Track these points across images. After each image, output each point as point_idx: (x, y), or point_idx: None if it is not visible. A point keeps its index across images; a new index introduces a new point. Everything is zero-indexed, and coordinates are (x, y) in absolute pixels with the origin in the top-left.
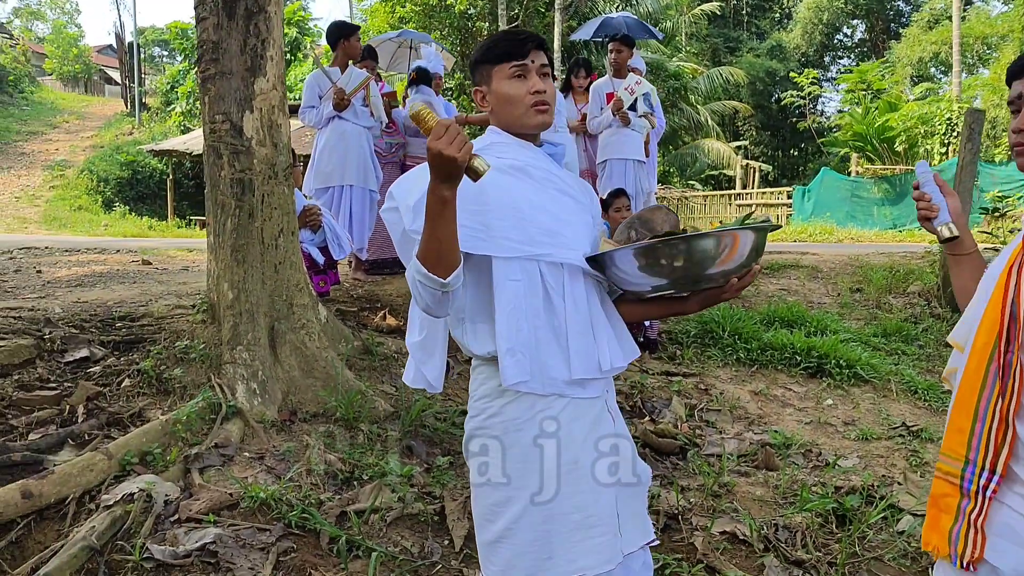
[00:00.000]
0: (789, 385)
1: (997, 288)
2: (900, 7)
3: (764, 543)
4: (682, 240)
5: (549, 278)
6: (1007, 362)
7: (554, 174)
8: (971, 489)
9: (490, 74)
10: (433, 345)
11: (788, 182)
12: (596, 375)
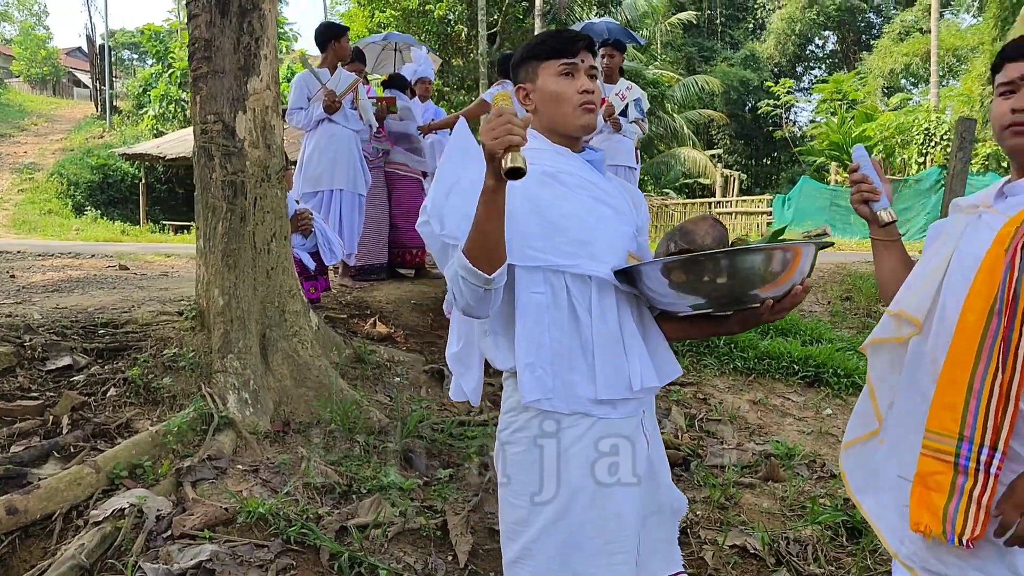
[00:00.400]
0: (787, 395)
1: (986, 267)
2: (871, 19)
3: (775, 557)
4: (713, 256)
5: (575, 291)
6: (1007, 338)
7: (590, 181)
8: (969, 466)
9: (537, 71)
10: (470, 357)
11: (761, 190)
12: (626, 394)
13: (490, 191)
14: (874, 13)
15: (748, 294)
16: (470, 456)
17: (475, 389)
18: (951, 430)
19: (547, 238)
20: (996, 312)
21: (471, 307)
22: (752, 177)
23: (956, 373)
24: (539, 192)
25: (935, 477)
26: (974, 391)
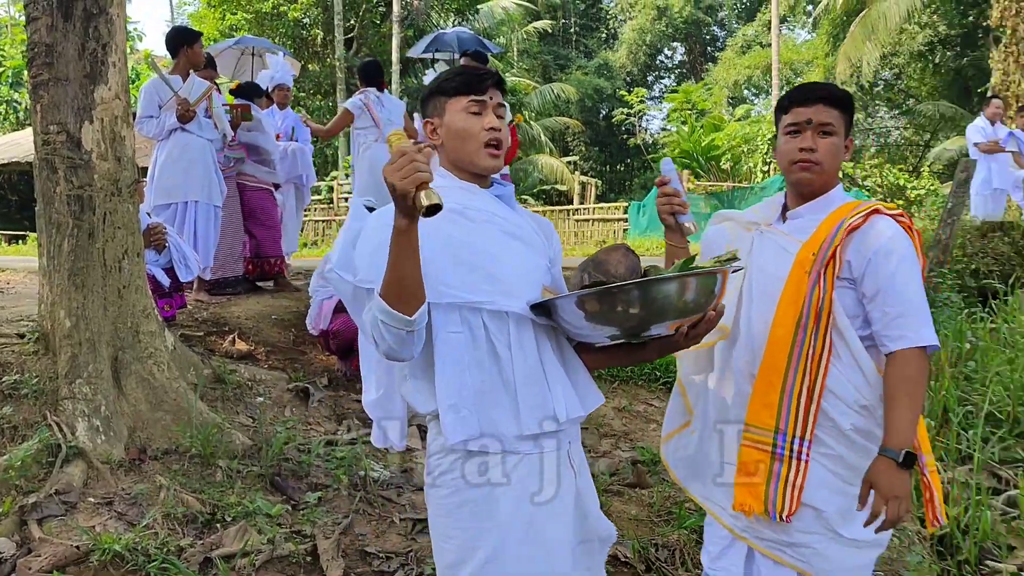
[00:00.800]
0: (650, 400)
1: (790, 288)
2: (716, 32)
3: (645, 564)
4: (627, 287)
5: (492, 328)
6: (811, 349)
7: (500, 216)
8: (784, 454)
9: (444, 106)
10: (391, 403)
11: (616, 196)
12: (551, 428)
13: (402, 231)
14: (718, 26)
15: (664, 322)
16: (339, 477)
17: (400, 434)
18: (768, 425)
19: (459, 275)
20: (801, 327)
21: (394, 351)
22: (607, 183)
23: (772, 377)
24: (449, 229)
25: (756, 464)
26: (786, 392)
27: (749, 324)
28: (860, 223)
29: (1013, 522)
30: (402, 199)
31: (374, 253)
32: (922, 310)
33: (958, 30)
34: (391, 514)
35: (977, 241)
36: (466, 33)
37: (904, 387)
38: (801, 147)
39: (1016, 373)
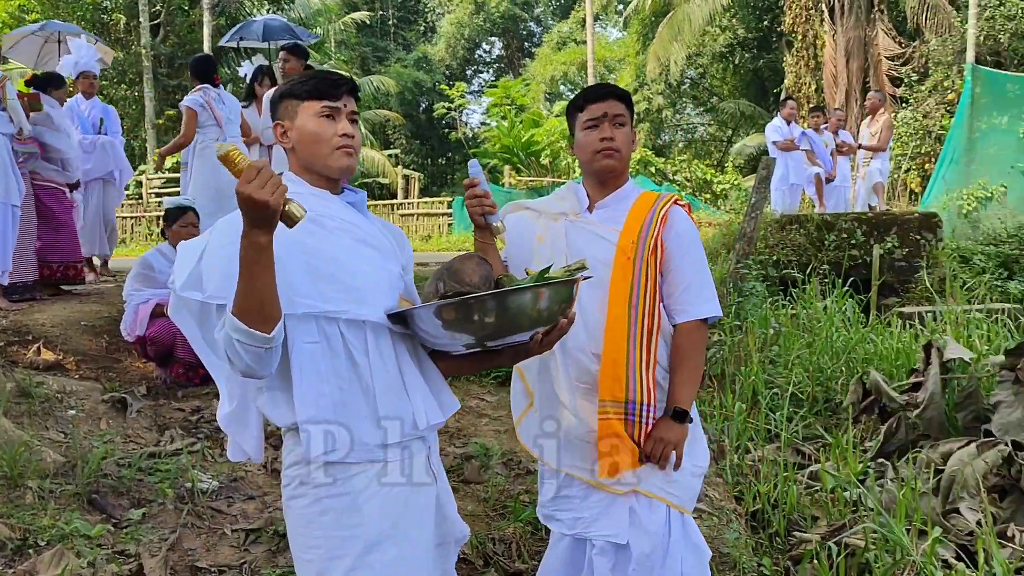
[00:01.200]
0: (482, 396)
1: (617, 272)
2: (532, 28)
3: (483, 559)
4: (485, 297)
5: (350, 337)
6: (645, 327)
7: (352, 223)
8: (635, 420)
9: (297, 110)
10: (246, 416)
11: (438, 190)
12: (412, 435)
13: (260, 246)
14: (535, 22)
15: (519, 331)
16: (164, 490)
17: (257, 447)
18: (620, 398)
19: (315, 285)
20: (633, 307)
21: (252, 369)
22: (429, 177)
23: (616, 356)
24: (302, 238)
25: (616, 435)
26: (630, 367)
27: (582, 307)
28: (667, 207)
29: (816, 494)
30: (273, 214)
31: (227, 267)
32: (706, 286)
33: (755, 33)
34: (222, 526)
35: (777, 233)
36: (276, 21)
37: (687, 354)
38: (602, 137)
39: (814, 356)
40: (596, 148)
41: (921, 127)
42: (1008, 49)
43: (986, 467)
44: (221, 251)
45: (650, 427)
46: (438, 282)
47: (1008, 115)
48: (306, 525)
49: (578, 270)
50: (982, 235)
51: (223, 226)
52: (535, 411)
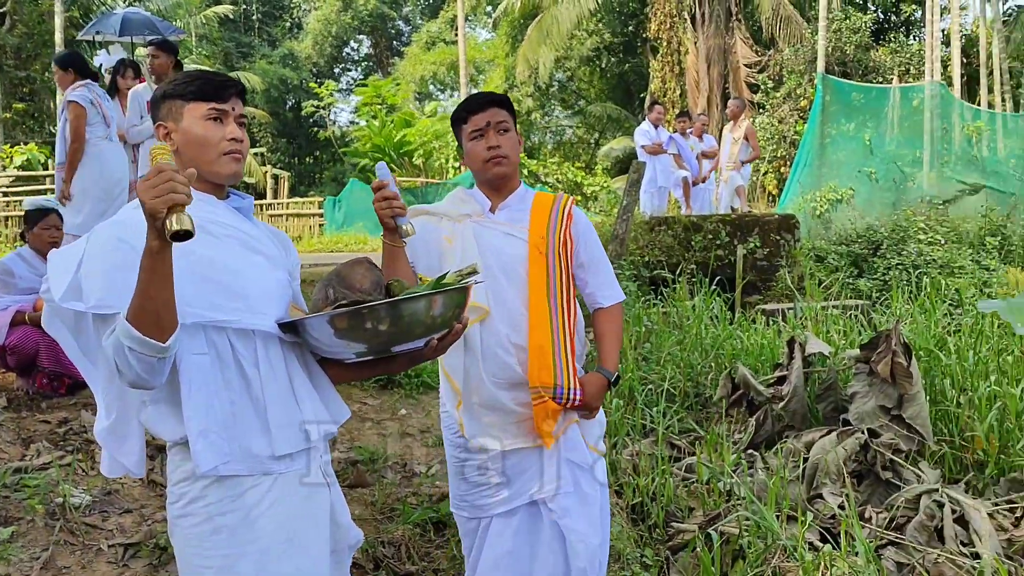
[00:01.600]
0: (365, 400)
1: (533, 267)
2: (400, 27)
3: (374, 562)
4: (379, 306)
5: (239, 347)
6: (565, 315)
7: (240, 230)
8: (562, 402)
9: (181, 111)
10: (125, 429)
11: (306, 190)
12: (303, 445)
13: (156, 253)
14: (403, 21)
15: (413, 339)
16: (33, 507)
17: (138, 462)
18: (549, 383)
19: (203, 294)
20: (552, 297)
21: (143, 379)
22: (296, 176)
23: (542, 342)
24: (189, 245)
25: (547, 412)
26: (556, 354)
27: (503, 301)
28: (570, 206)
29: (692, 486)
30: (152, 219)
31: (110, 274)
32: (612, 273)
33: (621, 38)
34: (97, 541)
35: (646, 235)
36: (136, 14)
37: (613, 330)
38: (489, 146)
39: (685, 353)
40: (485, 157)
41: (777, 132)
42: (853, 60)
43: (845, 454)
44: (104, 257)
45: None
46: (327, 289)
47: (855, 122)
48: (197, 544)
49: (470, 275)
50: (834, 235)
51: (101, 231)
52: (466, 408)
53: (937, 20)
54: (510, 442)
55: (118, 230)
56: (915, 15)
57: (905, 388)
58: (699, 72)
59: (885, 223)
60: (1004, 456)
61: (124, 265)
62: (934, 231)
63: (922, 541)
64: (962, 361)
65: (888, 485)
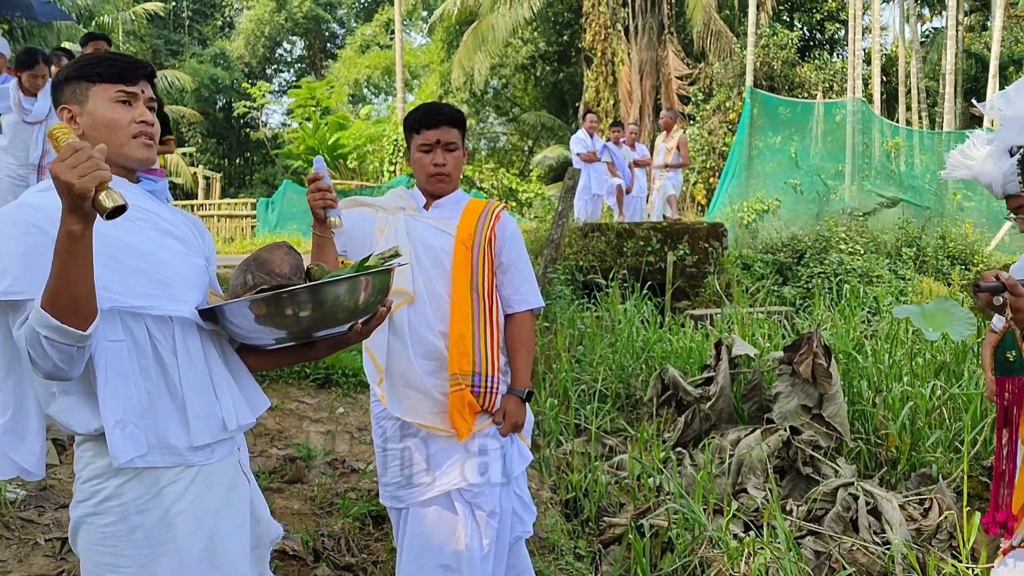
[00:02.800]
0: (302, 398)
1: (458, 260)
2: (335, 29)
3: (314, 554)
4: (300, 291)
5: (156, 334)
6: (488, 307)
7: (155, 214)
8: (481, 392)
9: (87, 94)
10: (23, 427)
11: (236, 191)
12: (221, 436)
13: (77, 236)
14: (338, 24)
15: (335, 323)
16: None
17: (38, 462)
18: (467, 371)
19: (119, 278)
20: (475, 289)
21: (61, 370)
22: (226, 177)
23: (463, 330)
24: (103, 229)
25: (464, 402)
26: (476, 343)
27: (431, 289)
28: (498, 211)
29: (623, 482)
30: (80, 200)
31: (22, 259)
32: (533, 280)
33: (555, 47)
34: (33, 535)
35: (580, 240)
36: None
37: (523, 342)
38: (435, 163)
39: (617, 355)
40: (429, 172)
41: (706, 143)
42: (780, 75)
43: (769, 450)
44: (15, 240)
45: (495, 396)
46: (246, 274)
47: (781, 135)
48: (112, 545)
49: (391, 257)
50: (760, 244)
51: (6, 213)
52: (387, 386)
53: (859, 40)
54: (429, 419)
55: (28, 214)
56: (839, 34)
57: (825, 388)
58: (632, 83)
59: (809, 233)
60: (915, 452)
61: (37, 250)
62: (854, 241)
63: (838, 531)
64: (878, 364)
65: (808, 480)
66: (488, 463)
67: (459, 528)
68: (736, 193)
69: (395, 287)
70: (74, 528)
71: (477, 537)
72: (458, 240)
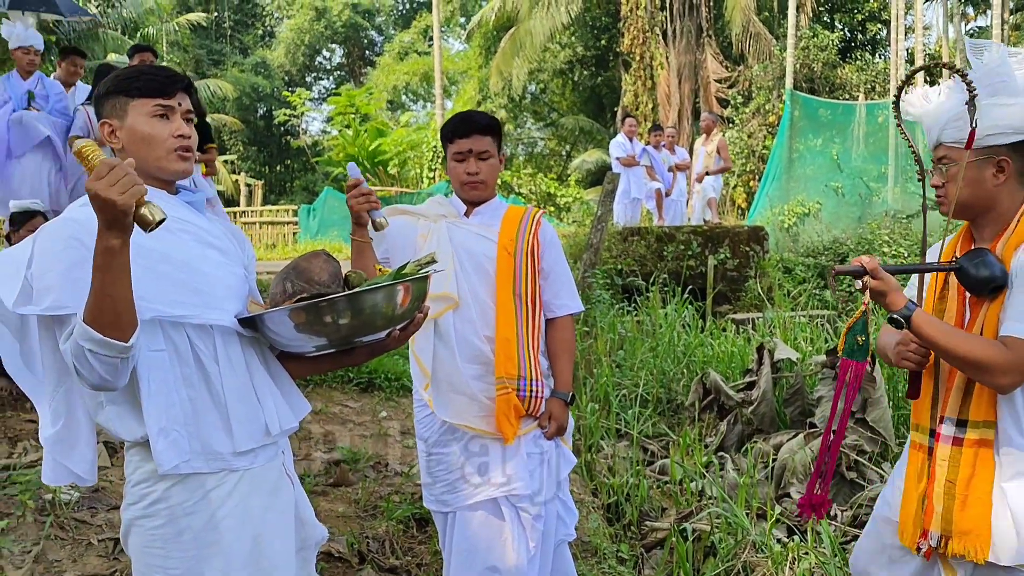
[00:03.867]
0: (345, 402)
1: (501, 265)
2: (373, 36)
3: (359, 556)
4: (338, 299)
5: (198, 342)
6: (530, 313)
7: (194, 224)
8: (526, 396)
9: (126, 108)
10: (75, 436)
11: (276, 198)
12: (264, 441)
13: (116, 251)
14: (376, 31)
15: (374, 331)
16: (25, 502)
17: (90, 468)
18: (513, 375)
19: (159, 289)
20: (518, 295)
21: (106, 381)
22: (267, 184)
23: (508, 334)
24: (143, 240)
25: (510, 406)
26: (520, 347)
27: (475, 295)
28: (538, 217)
29: (665, 486)
30: (122, 216)
31: (66, 274)
32: (572, 285)
33: (593, 52)
34: (87, 536)
35: (620, 244)
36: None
37: (565, 346)
38: (468, 171)
39: (658, 359)
40: (463, 180)
41: (746, 146)
42: (821, 77)
43: (812, 455)
44: (58, 257)
45: (539, 400)
46: (285, 282)
47: (822, 137)
48: (161, 547)
49: (428, 264)
50: (802, 247)
51: (49, 230)
52: (432, 389)
53: (902, 39)
54: (475, 422)
55: (70, 228)
56: (880, 34)
57: (869, 392)
58: (670, 86)
59: (851, 236)
60: None
61: (79, 264)
62: (898, 244)
63: None
64: None
65: (852, 484)
66: (534, 467)
67: (506, 531)
68: (777, 196)
69: (440, 293)
70: (125, 530)
71: (524, 540)
72: (500, 246)
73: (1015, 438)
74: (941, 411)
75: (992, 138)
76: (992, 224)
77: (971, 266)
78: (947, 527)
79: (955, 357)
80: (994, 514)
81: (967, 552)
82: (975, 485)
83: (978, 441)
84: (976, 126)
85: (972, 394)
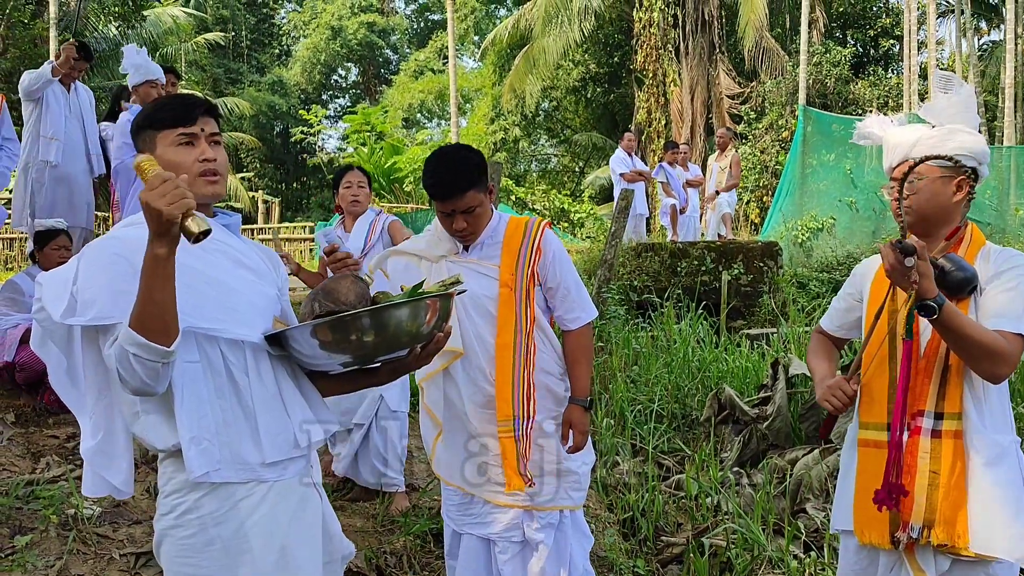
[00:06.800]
0: None
1: (503, 304)
2: (388, 55)
3: (377, 571)
4: (360, 315)
5: (230, 356)
6: (528, 348)
7: (228, 245)
8: (519, 435)
9: (155, 140)
10: (113, 448)
11: (292, 215)
12: (293, 453)
13: (163, 260)
14: (391, 50)
15: (396, 348)
16: (48, 517)
17: (127, 480)
18: (509, 415)
19: (195, 303)
20: (518, 332)
21: (148, 386)
22: (284, 202)
23: (505, 376)
24: (181, 258)
25: (511, 452)
26: (515, 386)
27: (480, 339)
28: (540, 238)
29: (681, 502)
30: (169, 225)
31: (109, 287)
32: (584, 293)
33: (606, 69)
34: (109, 551)
35: (633, 260)
36: None
37: (583, 353)
38: (456, 228)
39: (672, 375)
40: (452, 233)
41: (759, 162)
42: (834, 92)
43: (827, 471)
44: (102, 271)
45: (529, 443)
46: (313, 303)
47: (835, 152)
48: (192, 556)
49: (452, 284)
50: (815, 263)
51: (95, 247)
52: (443, 440)
53: (915, 55)
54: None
55: (114, 246)
56: (893, 49)
57: None
58: (683, 103)
59: (865, 251)
60: None
61: (122, 277)
62: None
63: None
64: None
65: None
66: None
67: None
68: (790, 212)
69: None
70: (158, 540)
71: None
72: (501, 283)
73: (979, 427)
74: (918, 405)
75: (960, 158)
76: (941, 239)
77: (955, 268)
78: (931, 516)
79: (977, 344)
80: (968, 500)
81: (949, 539)
82: (956, 474)
83: (954, 432)
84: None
85: (947, 387)
